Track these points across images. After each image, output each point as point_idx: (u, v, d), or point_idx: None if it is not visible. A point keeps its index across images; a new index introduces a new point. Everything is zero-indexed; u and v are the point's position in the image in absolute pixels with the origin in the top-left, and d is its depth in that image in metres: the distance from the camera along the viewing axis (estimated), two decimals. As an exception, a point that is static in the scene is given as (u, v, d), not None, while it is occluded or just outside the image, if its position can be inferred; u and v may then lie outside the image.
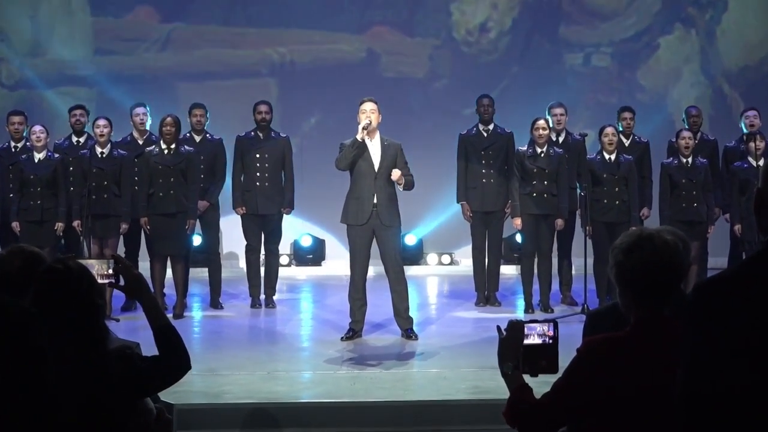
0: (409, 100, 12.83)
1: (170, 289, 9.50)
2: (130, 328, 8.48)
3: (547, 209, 9.45)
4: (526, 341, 2.91)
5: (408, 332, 8.35)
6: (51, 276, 3.10)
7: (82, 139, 9.81)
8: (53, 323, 3.03)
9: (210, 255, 10.06)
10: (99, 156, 9.35)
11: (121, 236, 9.47)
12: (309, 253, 12.52)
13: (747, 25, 12.92)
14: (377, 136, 8.33)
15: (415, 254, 12.50)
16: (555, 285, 9.90)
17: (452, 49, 12.90)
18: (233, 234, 11.28)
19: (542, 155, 9.45)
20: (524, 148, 9.53)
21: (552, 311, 9.41)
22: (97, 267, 3.20)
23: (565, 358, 2.93)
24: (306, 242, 12.50)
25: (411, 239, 12.37)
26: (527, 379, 2.98)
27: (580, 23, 12.90)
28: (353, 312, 8.38)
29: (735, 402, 1.99)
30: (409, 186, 8.35)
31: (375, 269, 9.79)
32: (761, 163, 9.26)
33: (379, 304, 8.94)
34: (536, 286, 9.59)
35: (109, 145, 9.42)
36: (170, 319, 3.43)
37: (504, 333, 2.96)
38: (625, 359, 2.80)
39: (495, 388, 6.01)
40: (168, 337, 3.20)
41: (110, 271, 3.22)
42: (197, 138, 9.95)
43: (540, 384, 2.99)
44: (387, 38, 12.90)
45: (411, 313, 8.49)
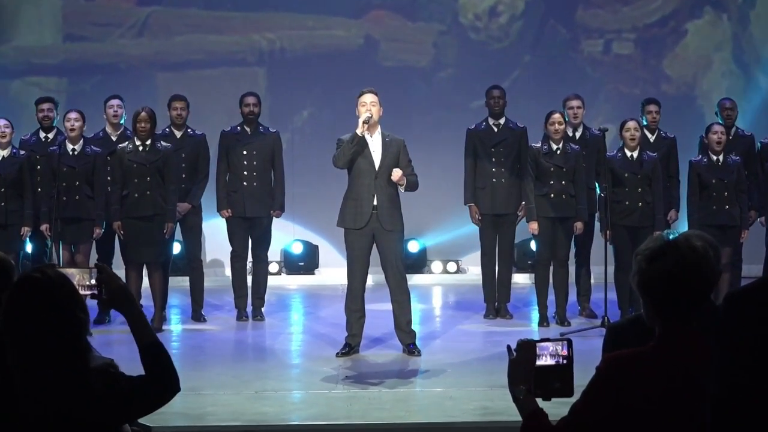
0: (411, 92, 12.84)
1: (147, 300, 9.50)
2: (103, 343, 8.47)
3: (564, 212, 9.45)
4: (538, 362, 2.92)
5: (410, 347, 8.35)
6: (28, 286, 3.07)
7: (51, 135, 9.82)
8: (28, 339, 3.01)
9: (191, 262, 10.06)
10: (70, 153, 9.36)
11: (94, 242, 9.48)
12: (301, 261, 12.53)
13: (784, 9, 12.93)
14: (378, 132, 8.34)
15: (419, 261, 12.50)
16: (572, 295, 9.91)
17: (459, 36, 12.91)
18: (217, 239, 11.27)
19: (558, 152, 9.46)
20: (538, 145, 9.54)
21: (569, 324, 9.42)
22: (78, 277, 3.17)
23: (584, 376, 2.94)
24: (298, 248, 12.51)
25: (414, 245, 12.37)
26: (541, 404, 2.99)
27: (600, 6, 12.91)
28: (350, 325, 8.38)
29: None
30: (413, 187, 8.36)
31: (374, 278, 9.79)
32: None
33: (379, 317, 8.93)
34: (552, 297, 9.59)
35: (81, 141, 9.43)
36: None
37: (514, 354, 2.96)
38: (649, 377, 2.80)
39: (506, 409, 6.02)
40: (156, 356, 3.18)
41: (92, 282, 3.20)
42: (178, 133, 9.96)
43: (556, 406, 2.99)
44: (387, 23, 12.91)
45: (414, 327, 8.49)
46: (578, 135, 9.97)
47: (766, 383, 2.02)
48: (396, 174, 8.20)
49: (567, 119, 9.71)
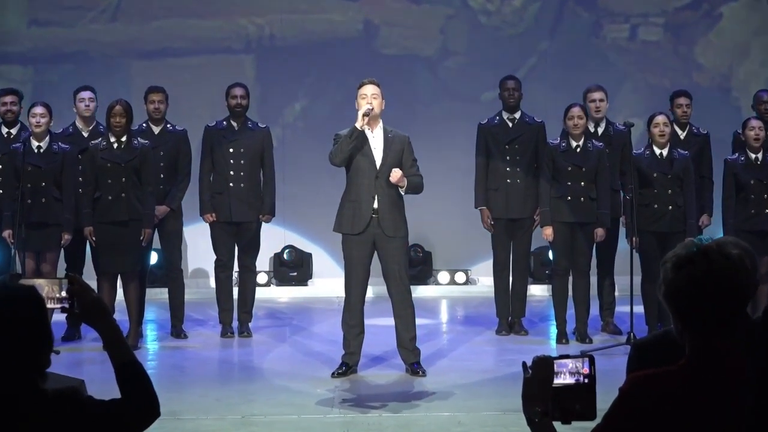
0: (415, 83, 12.86)
1: (122, 315, 9.51)
2: (73, 362, 8.49)
3: (584, 216, 9.46)
4: (557, 381, 2.92)
5: (414, 367, 8.37)
6: None
7: (14, 131, 9.83)
8: None
9: (171, 272, 10.08)
10: (35, 151, 9.38)
11: (62, 249, 9.49)
12: (293, 270, 12.53)
13: (830, -10, 12.94)
14: (380, 127, 8.36)
15: (423, 271, 12.52)
16: (594, 309, 9.91)
17: (468, 20, 12.93)
18: (200, 246, 11.28)
19: (578, 150, 9.47)
20: (556, 142, 9.56)
21: (590, 341, 9.43)
22: (47, 288, 3.16)
23: (607, 398, 2.94)
24: (289, 256, 12.52)
25: (418, 253, 12.37)
26: (559, 428, 2.99)
27: (626, -12, 12.93)
28: (347, 342, 8.39)
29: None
30: (416, 188, 8.37)
31: (375, 289, 9.80)
32: None
33: (380, 333, 8.94)
34: (571, 311, 9.60)
35: (48, 138, 9.45)
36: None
37: (529, 372, 2.96)
38: (678, 399, 2.81)
39: (521, 436, 6.02)
40: (133, 377, 3.17)
41: (63, 294, 3.19)
42: (156, 129, 9.97)
43: (575, 430, 3.00)
44: (388, 6, 12.92)
45: (418, 344, 8.50)
46: (600, 131, 9.98)
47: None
48: (395, 175, 8.20)
49: (588, 113, 9.72)
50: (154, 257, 10.67)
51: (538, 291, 11.94)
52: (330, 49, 12.74)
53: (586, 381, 2.92)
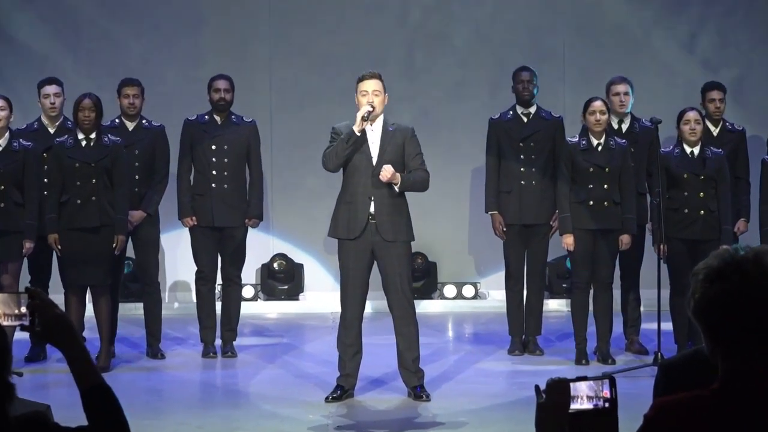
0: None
1: (91, 332, 9.51)
2: (38, 385, 8.49)
3: (607, 222, 9.47)
4: (573, 406, 2.92)
5: (417, 391, 8.37)
6: None
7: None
8: None
9: (146, 285, 10.08)
10: (-6, 150, 9.39)
11: (25, 259, 9.50)
12: (283, 282, 12.54)
13: None
14: (380, 119, 8.33)
15: (427, 284, 12.52)
16: (618, 326, 9.92)
17: None
18: (179, 256, 11.29)
19: (599, 149, 9.48)
20: (575, 139, 9.57)
21: (613, 362, 9.44)
22: (4, 304, 3.18)
23: (631, 426, 2.95)
24: (279, 267, 12.52)
25: (421, 264, 12.37)
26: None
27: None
28: (343, 363, 8.40)
29: None
30: (419, 185, 8.28)
31: (374, 304, 9.80)
32: None
33: (379, 353, 8.93)
34: (592, 328, 9.60)
35: (8, 135, 9.46)
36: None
37: (543, 396, 2.97)
38: (709, 428, 2.81)
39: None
40: (102, 401, 3.18)
41: (23, 310, 3.20)
42: (130, 125, 9.98)
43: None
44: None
45: (422, 365, 8.51)
46: (625, 127, 10.00)
47: None
48: (385, 172, 8.12)
49: (611, 108, 9.72)
50: (129, 266, 10.66)
51: (556, 306, 11.95)
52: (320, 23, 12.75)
53: (607, 406, 2.92)
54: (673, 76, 12.63)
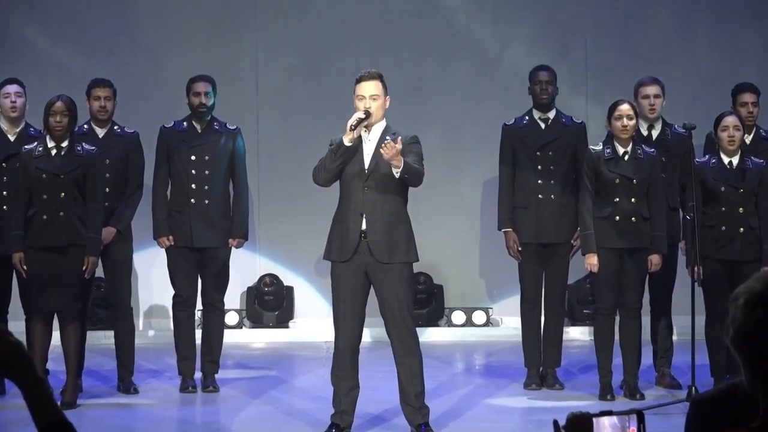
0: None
1: (57, 364, 9.50)
2: (-4, 423, 8.49)
3: (636, 240, 9.46)
4: (596, 444, 2.93)
5: (422, 429, 8.35)
6: None
7: None
8: None
9: (118, 311, 10.06)
10: (-51, 159, 9.40)
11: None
12: (271, 309, 12.54)
13: None
14: (380, 126, 8.19)
15: (433, 310, 12.52)
16: (647, 357, 9.91)
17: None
18: (154, 277, 11.28)
19: (626, 158, 9.47)
20: (599, 148, 9.55)
21: (642, 398, 9.43)
22: None
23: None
24: (266, 291, 12.52)
25: (426, 287, 12.38)
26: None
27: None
28: (338, 399, 8.38)
29: None
30: (414, 176, 8.05)
31: (372, 332, 9.79)
32: None
33: (378, 387, 8.93)
34: (618, 359, 9.60)
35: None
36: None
37: (563, 432, 2.97)
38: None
39: None
40: None
41: None
42: (100, 132, 9.97)
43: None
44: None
45: (427, 401, 8.50)
46: (655, 134, 9.99)
47: None
48: (388, 147, 7.81)
49: (639, 112, 9.73)
50: (99, 290, 10.66)
51: (577, 334, 11.95)
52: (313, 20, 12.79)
53: (634, 444, 2.93)
54: (710, 78, 12.65)
